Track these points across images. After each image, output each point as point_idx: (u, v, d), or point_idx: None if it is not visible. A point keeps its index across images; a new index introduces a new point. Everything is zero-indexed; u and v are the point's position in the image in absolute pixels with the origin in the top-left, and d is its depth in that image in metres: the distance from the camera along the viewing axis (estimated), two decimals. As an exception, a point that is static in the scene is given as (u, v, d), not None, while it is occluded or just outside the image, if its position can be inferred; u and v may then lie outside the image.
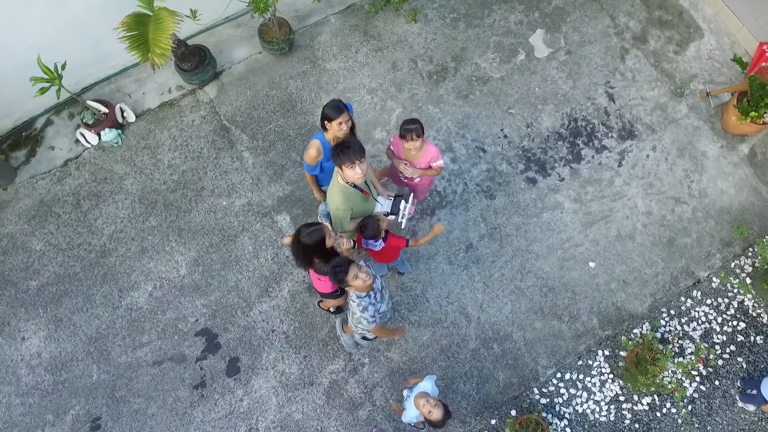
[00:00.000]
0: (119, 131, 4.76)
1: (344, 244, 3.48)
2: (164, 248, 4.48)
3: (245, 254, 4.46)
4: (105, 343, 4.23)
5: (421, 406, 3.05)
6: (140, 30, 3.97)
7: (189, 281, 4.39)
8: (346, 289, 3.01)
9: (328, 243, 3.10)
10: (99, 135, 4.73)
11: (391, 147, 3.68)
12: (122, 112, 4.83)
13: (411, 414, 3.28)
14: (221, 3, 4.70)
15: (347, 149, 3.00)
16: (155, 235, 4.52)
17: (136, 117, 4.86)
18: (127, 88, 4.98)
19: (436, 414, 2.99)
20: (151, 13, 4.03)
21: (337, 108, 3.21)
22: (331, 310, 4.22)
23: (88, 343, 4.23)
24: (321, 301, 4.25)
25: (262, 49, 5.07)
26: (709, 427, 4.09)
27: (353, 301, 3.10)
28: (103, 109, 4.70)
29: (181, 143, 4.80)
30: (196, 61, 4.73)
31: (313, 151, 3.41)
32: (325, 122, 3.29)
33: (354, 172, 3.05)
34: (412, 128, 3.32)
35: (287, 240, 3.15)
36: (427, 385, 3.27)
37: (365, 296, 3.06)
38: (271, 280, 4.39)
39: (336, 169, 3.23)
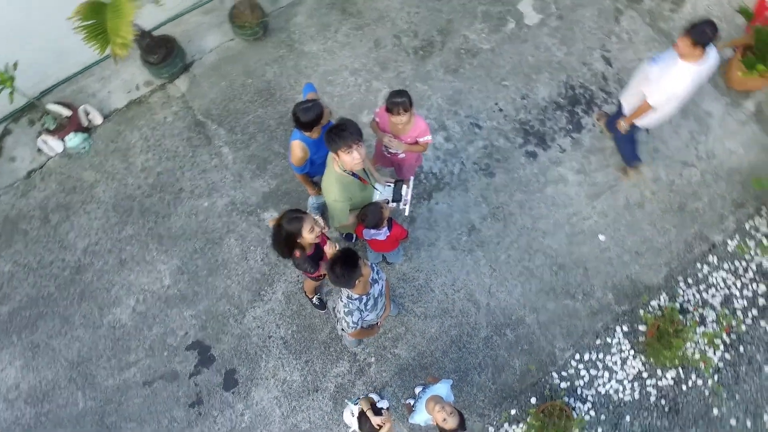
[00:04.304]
0: (85, 135, 4.40)
1: (329, 248, 3.15)
2: (144, 258, 4.14)
3: (233, 257, 4.14)
4: (89, 367, 3.90)
5: (435, 412, 2.78)
6: (97, 18, 3.62)
7: (174, 291, 4.07)
8: (343, 288, 2.73)
9: (307, 237, 2.84)
10: (63, 141, 4.35)
11: (377, 119, 3.39)
12: (87, 114, 4.46)
13: (421, 417, 3.01)
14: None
15: (343, 132, 2.73)
16: (133, 244, 4.18)
17: (103, 118, 4.50)
18: (90, 87, 4.60)
19: (451, 423, 2.72)
20: (107, 0, 3.67)
21: (316, 107, 2.97)
22: (314, 301, 3.96)
23: (70, 369, 3.90)
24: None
25: (234, 36, 4.73)
26: (737, 396, 3.90)
27: (341, 301, 2.84)
28: (66, 113, 4.33)
29: (153, 143, 4.44)
30: (163, 53, 4.38)
31: (298, 152, 3.18)
32: (314, 128, 3.05)
33: (352, 158, 2.78)
34: (399, 102, 3.03)
35: (272, 223, 2.90)
36: (443, 389, 3.00)
37: (356, 299, 2.80)
38: (263, 282, 4.09)
39: (331, 156, 2.95)
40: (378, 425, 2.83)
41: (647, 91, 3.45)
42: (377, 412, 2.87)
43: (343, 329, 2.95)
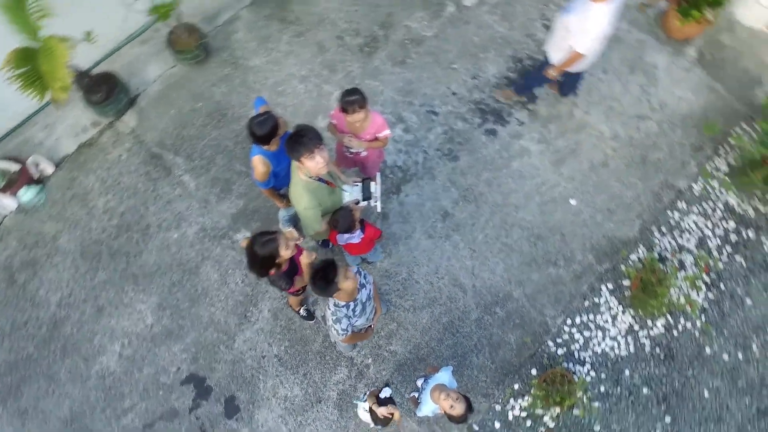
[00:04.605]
0: (39, 187, 4.26)
1: (305, 257, 3.15)
2: (122, 301, 4.04)
3: (212, 284, 4.07)
4: (84, 422, 3.78)
5: (441, 400, 2.77)
6: (31, 65, 3.50)
7: (159, 329, 3.98)
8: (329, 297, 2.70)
9: (285, 254, 2.81)
10: (16, 197, 4.20)
11: (334, 121, 3.36)
12: (37, 165, 4.32)
13: (428, 408, 3.00)
14: (119, 19, 4.22)
15: (302, 138, 2.73)
16: (108, 289, 4.06)
17: (55, 167, 4.37)
18: (36, 137, 4.45)
19: (459, 408, 2.72)
20: (38, 45, 3.55)
21: (270, 119, 2.94)
22: (302, 313, 3.93)
23: (64, 428, 3.77)
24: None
25: (175, 62, 4.63)
26: (725, 332, 4.01)
27: (329, 309, 2.83)
28: (14, 168, 4.19)
29: (111, 184, 4.33)
30: (105, 90, 4.27)
31: (260, 167, 3.14)
32: (271, 140, 3.00)
33: (315, 163, 2.76)
34: (353, 100, 3.01)
35: (244, 243, 2.86)
36: (444, 376, 3.00)
37: (343, 306, 2.78)
38: (247, 304, 4.03)
39: (294, 165, 2.92)
40: (384, 416, 2.83)
41: (573, 42, 3.54)
42: (383, 402, 2.86)
43: (334, 338, 2.94)
